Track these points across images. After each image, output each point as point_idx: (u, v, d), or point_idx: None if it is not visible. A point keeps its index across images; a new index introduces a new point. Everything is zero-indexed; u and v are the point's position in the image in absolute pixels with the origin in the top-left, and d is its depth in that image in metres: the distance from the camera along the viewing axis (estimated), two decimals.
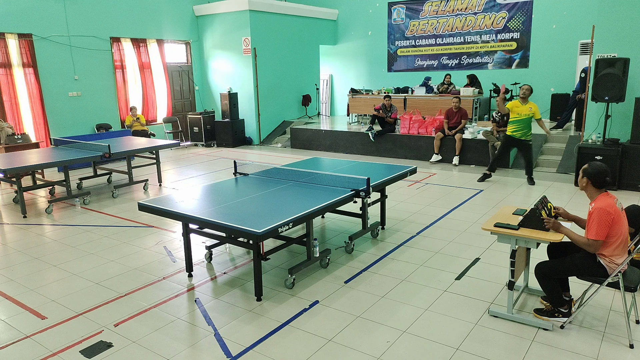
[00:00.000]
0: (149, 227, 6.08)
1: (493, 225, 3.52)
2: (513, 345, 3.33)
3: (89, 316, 3.86)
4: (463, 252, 5.03)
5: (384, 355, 3.25)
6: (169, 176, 9.13)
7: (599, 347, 3.27)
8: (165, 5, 12.17)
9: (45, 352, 3.37)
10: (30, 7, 9.62)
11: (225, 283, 4.45)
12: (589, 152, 7.34)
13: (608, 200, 3.27)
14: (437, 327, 3.59)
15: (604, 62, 7.32)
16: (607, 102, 7.29)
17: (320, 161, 6.76)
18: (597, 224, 3.21)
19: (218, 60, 13.07)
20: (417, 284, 4.32)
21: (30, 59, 9.75)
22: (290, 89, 13.65)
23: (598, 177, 3.31)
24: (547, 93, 11.42)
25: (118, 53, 11.30)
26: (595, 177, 3.32)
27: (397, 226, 5.91)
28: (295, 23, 13.46)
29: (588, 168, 3.37)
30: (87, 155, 7.23)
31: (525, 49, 11.79)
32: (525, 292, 4.07)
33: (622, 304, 3.66)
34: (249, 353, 3.30)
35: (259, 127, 12.88)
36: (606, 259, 3.31)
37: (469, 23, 12.47)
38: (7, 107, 9.55)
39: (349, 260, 4.87)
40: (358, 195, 4.60)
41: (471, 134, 9.49)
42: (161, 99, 12.48)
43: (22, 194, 6.74)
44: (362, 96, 12.66)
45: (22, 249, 5.40)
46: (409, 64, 13.64)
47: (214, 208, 4.30)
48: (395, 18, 13.58)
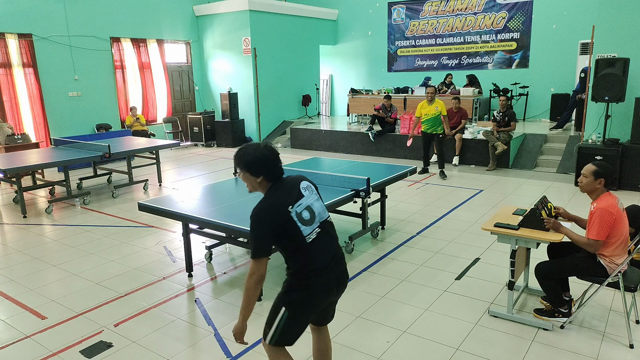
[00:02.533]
0: (149, 227, 6.08)
1: (493, 225, 3.51)
2: (513, 345, 3.33)
3: (89, 316, 3.86)
4: (463, 252, 5.03)
5: (384, 355, 3.25)
6: (169, 176, 9.13)
7: (599, 347, 3.27)
8: (165, 5, 12.17)
9: (45, 352, 3.37)
10: (30, 7, 9.62)
11: (225, 283, 4.45)
12: (589, 152, 7.34)
13: (610, 200, 3.27)
14: (437, 327, 3.59)
15: (604, 62, 7.32)
16: (607, 102, 7.29)
17: (320, 161, 6.76)
18: (598, 224, 3.21)
19: (218, 60, 13.07)
20: (417, 284, 4.32)
21: (30, 59, 9.74)
22: (290, 89, 13.65)
23: (610, 176, 3.32)
24: (547, 93, 11.42)
25: (118, 53, 11.30)
26: (609, 177, 3.30)
27: (397, 226, 5.91)
28: (295, 23, 13.46)
29: (599, 169, 3.30)
30: (87, 155, 7.23)
31: (525, 49, 11.78)
32: (525, 292, 4.07)
33: (622, 304, 3.65)
34: (249, 353, 3.30)
35: (259, 127, 12.88)
36: (606, 259, 3.31)
37: (469, 23, 12.46)
38: (7, 107, 9.55)
39: (348, 260, 4.87)
40: (358, 195, 4.60)
41: (471, 134, 9.49)
42: (161, 99, 12.48)
43: (22, 194, 6.74)
44: (362, 96, 12.66)
45: (22, 249, 5.40)
46: (409, 64, 13.64)
47: (214, 208, 4.30)
48: (395, 18, 13.58)
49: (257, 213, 2.29)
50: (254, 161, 2.33)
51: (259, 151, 2.35)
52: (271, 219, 2.29)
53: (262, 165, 2.34)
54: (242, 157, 2.35)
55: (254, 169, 2.33)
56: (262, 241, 2.28)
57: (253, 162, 2.33)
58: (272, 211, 2.30)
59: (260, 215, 2.28)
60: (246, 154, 2.34)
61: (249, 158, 2.33)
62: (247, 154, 2.34)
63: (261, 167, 2.34)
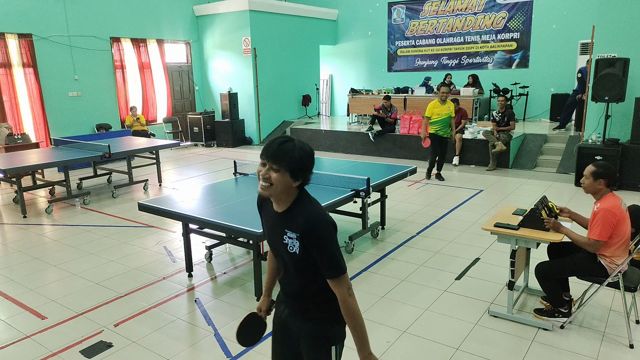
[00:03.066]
0: (149, 227, 6.08)
1: (493, 225, 3.52)
2: (513, 345, 3.33)
3: (89, 316, 3.86)
4: (463, 252, 5.03)
5: (384, 355, 3.24)
6: (169, 176, 9.13)
7: (599, 347, 3.27)
8: (165, 5, 12.17)
9: (45, 352, 3.37)
10: (30, 7, 9.62)
11: (225, 283, 4.45)
12: (589, 152, 7.34)
13: (614, 201, 3.26)
14: (437, 327, 3.59)
15: (604, 62, 7.32)
16: (607, 102, 7.29)
17: (320, 161, 6.76)
18: (601, 224, 3.21)
19: (218, 60, 13.07)
20: (417, 284, 4.32)
21: (30, 59, 9.74)
22: (290, 89, 13.65)
23: (611, 176, 3.31)
24: (547, 93, 11.42)
25: (118, 53, 11.30)
26: (610, 176, 3.30)
27: (397, 226, 5.90)
28: (295, 23, 13.46)
29: (599, 170, 3.30)
30: (87, 155, 7.23)
31: (525, 49, 11.78)
32: (525, 292, 4.07)
33: (622, 304, 3.65)
34: (249, 353, 3.30)
35: (259, 127, 12.88)
36: (607, 259, 3.31)
37: (469, 23, 12.46)
38: (7, 107, 9.55)
39: (349, 260, 4.87)
40: (358, 195, 4.60)
41: (471, 134, 9.49)
42: (161, 99, 12.48)
43: (22, 194, 6.74)
44: (362, 96, 12.66)
45: (22, 249, 5.40)
46: (409, 64, 13.64)
47: (214, 208, 4.30)
48: (395, 18, 13.58)
49: (330, 221, 1.86)
50: (307, 162, 1.84)
51: (308, 150, 1.87)
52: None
53: (309, 168, 1.86)
54: (288, 152, 1.80)
55: (299, 171, 1.82)
56: (340, 251, 1.87)
57: (305, 162, 1.84)
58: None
59: (333, 225, 1.88)
60: (296, 149, 1.82)
61: (299, 155, 1.81)
62: (298, 149, 1.82)
63: (308, 170, 1.86)
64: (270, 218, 2.00)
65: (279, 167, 1.79)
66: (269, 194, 1.86)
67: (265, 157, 1.83)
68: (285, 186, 1.83)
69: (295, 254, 1.88)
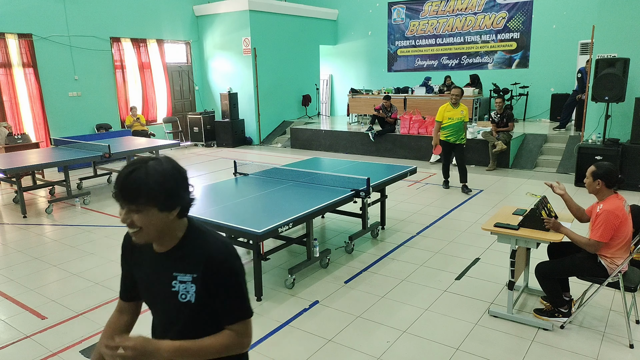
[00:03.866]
0: None
1: (493, 225, 3.52)
2: (513, 345, 3.33)
3: (89, 316, 3.86)
4: (463, 252, 5.03)
5: (384, 355, 3.24)
6: None
7: (599, 347, 3.27)
8: (165, 5, 12.17)
9: (45, 352, 3.37)
10: (30, 7, 9.62)
11: None
12: (589, 152, 7.34)
13: (617, 203, 3.27)
14: (437, 327, 3.59)
15: (604, 62, 7.32)
16: (607, 102, 7.29)
17: (320, 161, 6.76)
18: (603, 226, 3.21)
19: (218, 60, 13.07)
20: (417, 284, 4.32)
21: (30, 59, 9.74)
22: (290, 89, 13.65)
23: (610, 177, 3.30)
24: (547, 93, 11.43)
25: (118, 53, 11.30)
26: (607, 177, 3.30)
27: (397, 226, 5.90)
28: (295, 23, 13.46)
29: (598, 170, 3.31)
30: (87, 155, 7.23)
31: (525, 49, 11.78)
32: (525, 292, 4.07)
33: (622, 304, 3.65)
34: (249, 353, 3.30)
35: (259, 127, 12.88)
36: (607, 259, 3.31)
37: (469, 23, 12.46)
38: (7, 107, 9.55)
39: (349, 260, 4.87)
40: (358, 195, 4.60)
41: (471, 134, 9.49)
42: (161, 99, 12.48)
43: (22, 194, 6.74)
44: (362, 96, 12.66)
45: (22, 249, 5.40)
46: (409, 64, 13.64)
47: (214, 208, 4.30)
48: (395, 18, 13.58)
49: (238, 256, 1.53)
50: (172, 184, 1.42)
51: (169, 168, 1.44)
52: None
53: (180, 189, 1.46)
54: (141, 184, 1.38)
55: (167, 199, 1.42)
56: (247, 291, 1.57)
57: (169, 185, 1.42)
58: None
59: (240, 262, 1.54)
60: (149, 174, 1.39)
61: (158, 181, 1.40)
62: (153, 173, 1.40)
63: (179, 192, 1.45)
64: (147, 262, 1.58)
65: (138, 206, 1.40)
66: (146, 241, 1.49)
67: (116, 198, 1.43)
68: (161, 224, 1.44)
69: (189, 303, 1.48)
